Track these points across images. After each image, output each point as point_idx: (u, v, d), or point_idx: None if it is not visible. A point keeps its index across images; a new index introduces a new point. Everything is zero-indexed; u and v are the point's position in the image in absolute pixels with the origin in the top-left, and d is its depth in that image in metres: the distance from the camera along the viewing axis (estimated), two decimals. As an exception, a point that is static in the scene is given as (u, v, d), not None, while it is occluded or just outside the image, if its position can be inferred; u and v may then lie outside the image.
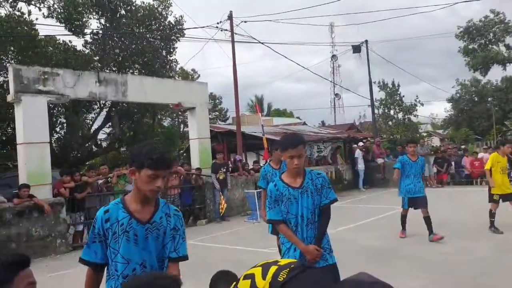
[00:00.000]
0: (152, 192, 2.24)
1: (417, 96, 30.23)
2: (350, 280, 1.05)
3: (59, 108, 17.07)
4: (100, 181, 9.65)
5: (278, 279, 1.60)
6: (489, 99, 34.82)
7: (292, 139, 3.25)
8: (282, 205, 3.22)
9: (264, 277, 1.66)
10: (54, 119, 17.37)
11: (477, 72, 30.99)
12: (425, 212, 7.50)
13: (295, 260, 2.24)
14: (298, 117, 44.10)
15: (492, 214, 7.69)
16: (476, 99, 35.67)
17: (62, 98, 9.80)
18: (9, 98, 9.28)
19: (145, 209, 2.31)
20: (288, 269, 1.65)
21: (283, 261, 1.77)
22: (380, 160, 16.82)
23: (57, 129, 18.34)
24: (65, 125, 18.26)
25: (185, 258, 2.40)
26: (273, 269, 1.68)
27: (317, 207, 3.23)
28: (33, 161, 8.82)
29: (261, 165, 16.39)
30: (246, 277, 1.75)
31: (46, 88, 9.33)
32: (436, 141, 36.14)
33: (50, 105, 12.25)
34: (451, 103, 37.00)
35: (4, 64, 14.97)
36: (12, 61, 14.91)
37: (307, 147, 3.19)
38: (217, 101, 44.75)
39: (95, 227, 2.33)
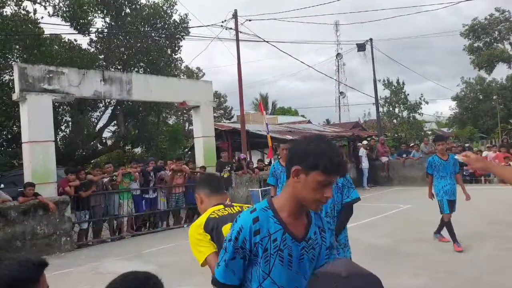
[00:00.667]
0: (317, 203, 1.69)
1: (421, 94, 30.01)
2: (324, 272, 0.93)
3: (64, 107, 17.16)
4: (105, 180, 9.68)
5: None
6: (494, 97, 34.62)
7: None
8: None
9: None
10: (59, 118, 17.46)
11: (482, 70, 30.86)
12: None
13: None
14: (302, 116, 44.07)
15: None
16: (481, 97, 35.51)
17: (67, 96, 9.85)
18: (14, 96, 9.33)
19: (297, 221, 1.77)
20: None
21: None
22: (384, 159, 16.78)
23: (62, 128, 18.43)
24: (70, 123, 18.35)
25: None
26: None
27: (336, 204, 3.57)
28: (38, 160, 8.87)
29: (265, 163, 16.41)
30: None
31: (51, 87, 9.38)
32: (441, 140, 35.94)
33: (55, 103, 12.31)
34: (456, 101, 36.85)
35: (10, 62, 15.06)
36: (17, 60, 14.99)
37: None
38: (222, 99, 44.78)
39: (238, 239, 1.71)
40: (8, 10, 15.14)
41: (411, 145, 18.50)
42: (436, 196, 7.00)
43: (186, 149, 23.88)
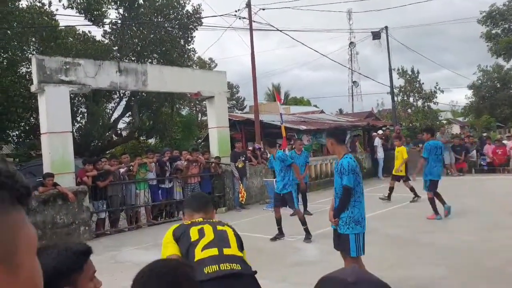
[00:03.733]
0: None
1: (437, 83, 29.47)
2: (330, 277, 0.87)
3: (80, 98, 17.32)
4: (122, 170, 9.78)
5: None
6: (512, 85, 33.92)
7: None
8: None
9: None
10: (75, 109, 17.64)
11: (500, 57, 30.19)
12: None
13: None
14: (315, 105, 43.78)
15: None
16: (498, 85, 34.78)
17: (84, 88, 9.92)
18: (33, 88, 9.44)
19: None
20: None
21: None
22: (399, 149, 16.61)
23: (78, 119, 18.63)
24: (85, 114, 18.53)
25: None
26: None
27: (338, 186, 4.36)
28: (57, 150, 8.98)
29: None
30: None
31: (68, 78, 9.46)
32: (456, 129, 35.48)
33: (71, 95, 12.43)
34: (472, 90, 36.19)
35: (26, 55, 15.22)
36: (34, 52, 15.14)
37: (333, 137, 4.05)
38: (234, 90, 44.72)
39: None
40: (23, 3, 15.29)
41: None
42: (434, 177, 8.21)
43: (200, 140, 23.98)
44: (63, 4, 15.65)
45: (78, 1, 15.47)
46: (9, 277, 0.53)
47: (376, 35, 22.50)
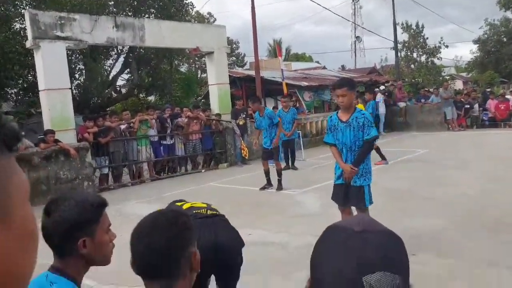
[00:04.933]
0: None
1: (441, 38, 28.88)
2: (337, 226, 0.84)
3: (77, 55, 17.02)
4: (123, 126, 9.77)
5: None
6: (518, 39, 33.17)
7: (337, 82, 4.43)
8: (335, 133, 4.31)
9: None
10: (73, 66, 17.38)
11: (509, 11, 29.37)
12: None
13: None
14: (317, 61, 43.11)
15: None
16: (505, 39, 34.05)
17: (80, 44, 9.72)
18: (28, 44, 9.25)
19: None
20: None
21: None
22: (402, 104, 16.51)
23: (76, 76, 18.41)
24: (83, 71, 18.28)
25: None
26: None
27: (357, 139, 4.20)
28: (56, 107, 8.93)
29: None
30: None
31: (64, 34, 9.24)
32: (459, 84, 35.10)
33: (68, 51, 12.20)
34: (477, 45, 35.47)
35: (20, 10, 14.81)
36: (27, 7, 14.71)
37: (354, 90, 3.93)
38: (234, 46, 43.89)
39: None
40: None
41: (431, 90, 18.07)
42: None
43: (200, 97, 23.79)
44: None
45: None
46: (2, 224, 0.50)
47: (380, -13, 21.75)
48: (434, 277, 3.75)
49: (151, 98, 23.28)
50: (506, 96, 16.13)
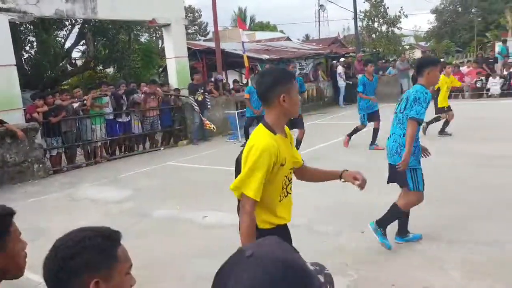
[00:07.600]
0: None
1: (401, 7, 29.16)
2: (240, 248, 0.81)
3: (27, 26, 16.06)
4: (75, 104, 9.38)
5: None
6: (473, 10, 33.98)
7: None
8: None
9: None
10: (22, 37, 16.41)
11: (465, -20, 29.88)
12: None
13: None
14: (281, 31, 42.68)
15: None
16: (460, 10, 34.82)
17: (25, 16, 9.12)
18: (-35, 17, 8.59)
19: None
20: None
21: None
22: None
23: (27, 48, 17.42)
24: (34, 43, 17.33)
25: None
26: None
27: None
28: (1, 86, 8.43)
29: (242, 84, 16.12)
30: None
31: (5, 6, 8.64)
32: (418, 54, 35.84)
33: (15, 23, 11.46)
34: (435, 15, 36.11)
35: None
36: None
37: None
38: (196, 14, 42.72)
39: None
40: None
41: (390, 60, 18.31)
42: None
43: (161, 69, 23.15)
44: None
45: None
46: None
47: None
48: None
49: (110, 70, 22.45)
50: (460, 68, 16.59)
